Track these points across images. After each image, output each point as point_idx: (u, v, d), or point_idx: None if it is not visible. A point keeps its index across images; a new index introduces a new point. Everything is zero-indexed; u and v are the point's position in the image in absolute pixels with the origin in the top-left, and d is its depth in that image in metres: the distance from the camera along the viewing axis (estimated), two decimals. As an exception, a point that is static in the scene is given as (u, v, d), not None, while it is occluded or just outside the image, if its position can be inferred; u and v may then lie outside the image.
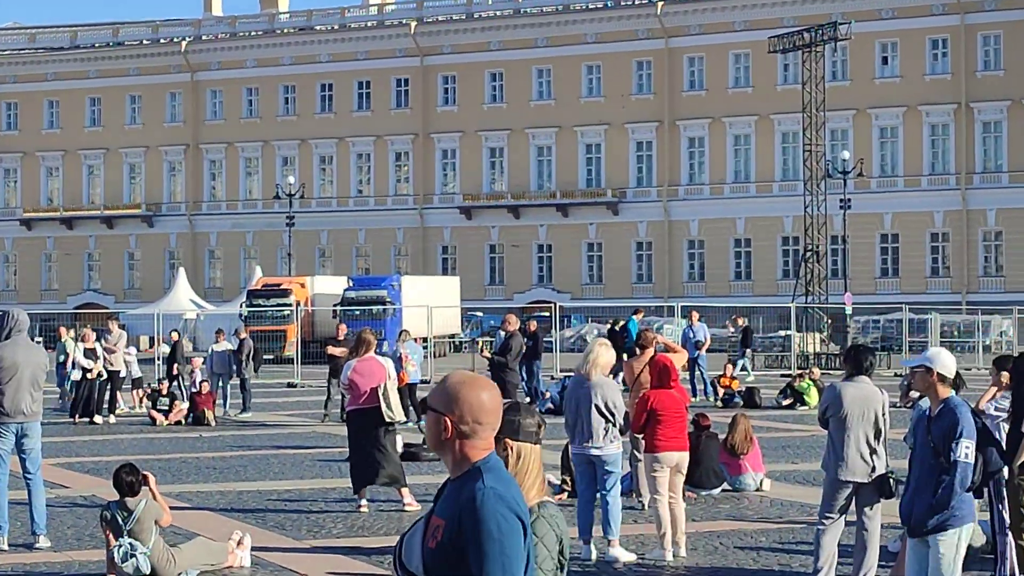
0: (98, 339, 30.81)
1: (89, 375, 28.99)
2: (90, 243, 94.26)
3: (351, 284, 63.44)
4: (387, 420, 16.04)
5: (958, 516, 8.41)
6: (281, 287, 62.94)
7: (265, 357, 45.52)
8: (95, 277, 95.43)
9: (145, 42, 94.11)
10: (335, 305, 56.85)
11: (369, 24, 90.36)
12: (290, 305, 57.95)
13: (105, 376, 29.73)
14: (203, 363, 33.72)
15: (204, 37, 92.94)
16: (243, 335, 33.35)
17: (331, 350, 29.77)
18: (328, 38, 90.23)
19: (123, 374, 30.79)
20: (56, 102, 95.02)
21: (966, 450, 8.36)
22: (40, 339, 26.21)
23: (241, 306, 61.65)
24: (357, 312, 52.95)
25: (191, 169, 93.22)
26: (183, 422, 28.88)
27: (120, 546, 11.92)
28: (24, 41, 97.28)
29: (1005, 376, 12.96)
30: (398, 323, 47.00)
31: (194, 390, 30.31)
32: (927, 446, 8.70)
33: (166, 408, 29.31)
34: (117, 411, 30.19)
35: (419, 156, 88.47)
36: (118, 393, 28.85)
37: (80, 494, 17.17)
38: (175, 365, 34.59)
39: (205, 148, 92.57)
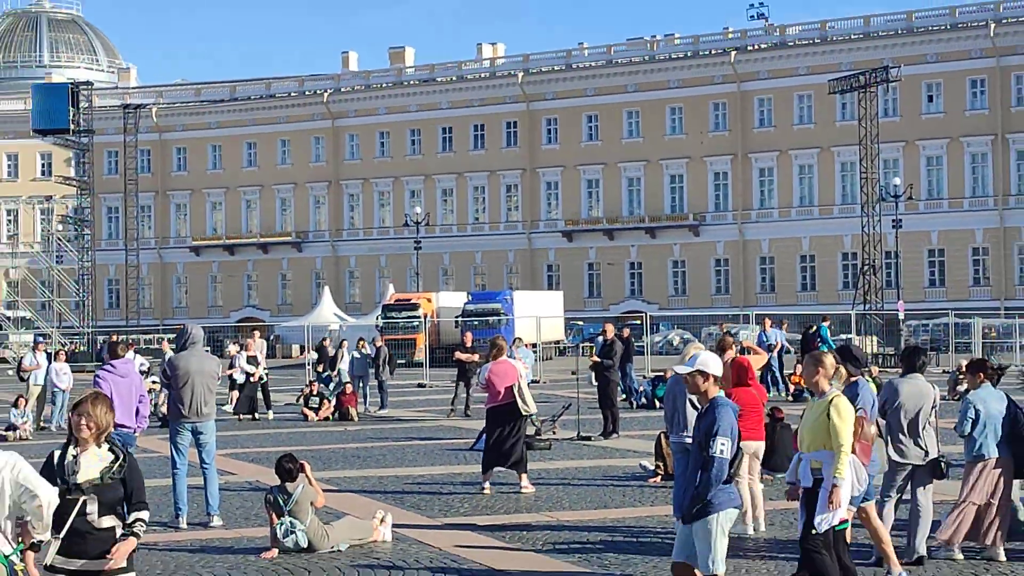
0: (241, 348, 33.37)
1: (252, 378, 31.37)
2: (248, 266, 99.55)
3: (470, 298, 65.89)
4: (523, 413, 17.03)
5: (715, 504, 8.54)
6: (411, 302, 64.67)
7: (398, 361, 45.98)
8: (253, 295, 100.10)
9: (292, 94, 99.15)
10: (456, 317, 59.00)
11: (482, 75, 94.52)
12: (419, 317, 59.87)
13: (264, 379, 32.18)
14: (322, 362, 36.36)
15: (343, 89, 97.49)
16: (379, 343, 35.50)
17: (459, 355, 31.18)
18: (448, 88, 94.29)
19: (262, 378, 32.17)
20: (219, 147, 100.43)
21: (722, 446, 8.52)
22: (207, 348, 26.65)
23: (377, 318, 64.54)
24: (476, 323, 53.40)
25: (333, 202, 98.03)
26: (330, 418, 30.25)
27: (282, 524, 12.74)
28: (191, 95, 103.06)
29: None
30: (511, 331, 48.05)
31: (339, 391, 31.82)
32: (695, 441, 9.04)
33: (316, 406, 30.60)
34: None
35: (526, 188, 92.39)
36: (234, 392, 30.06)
37: (247, 480, 18.17)
38: (319, 368, 36.75)
39: (344, 184, 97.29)
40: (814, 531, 9.15)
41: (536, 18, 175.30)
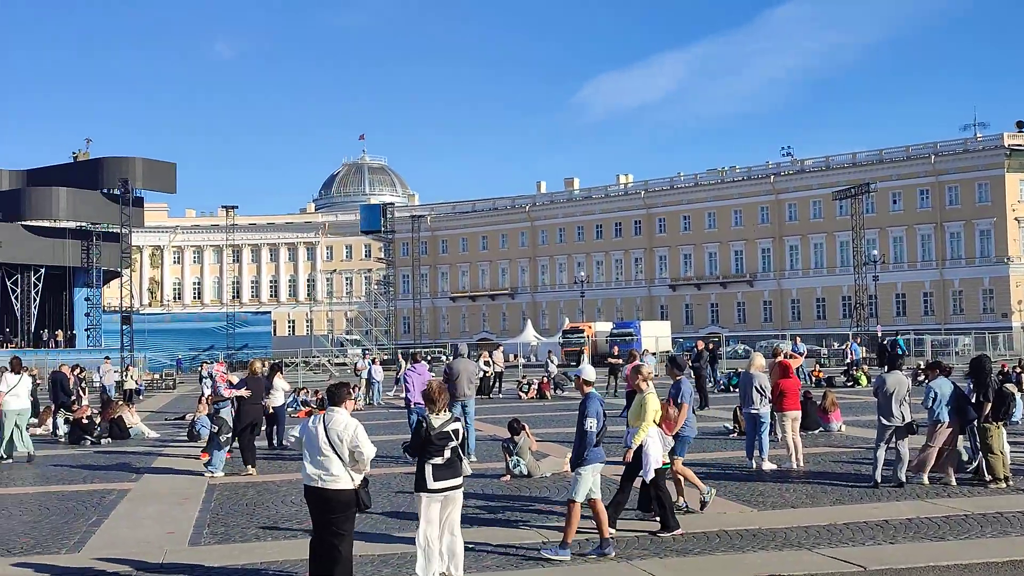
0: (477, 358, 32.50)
1: (487, 374, 32.19)
2: (483, 309, 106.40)
3: (614, 326, 68.62)
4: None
5: (586, 460, 9.09)
6: (579, 328, 68.46)
7: (571, 364, 48.77)
8: (487, 324, 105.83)
9: (508, 207, 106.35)
10: (607, 337, 62.21)
11: (619, 193, 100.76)
12: (584, 338, 64.95)
13: (493, 374, 33.06)
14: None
15: (537, 203, 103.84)
16: (552, 357, 36.15)
17: (610, 360, 33.01)
18: (599, 201, 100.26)
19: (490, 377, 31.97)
20: (465, 239, 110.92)
21: (589, 424, 9.08)
22: (467, 355, 20.41)
23: (559, 338, 69.42)
24: (618, 341, 53.60)
25: (532, 269, 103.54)
26: (534, 397, 31.38)
27: (512, 460, 13.86)
28: (449, 209, 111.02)
29: None
30: (640, 346, 49.54)
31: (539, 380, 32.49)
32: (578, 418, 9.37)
33: (526, 390, 32.09)
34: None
35: (646, 259, 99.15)
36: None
37: (489, 435, 19.01)
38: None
39: (539, 259, 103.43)
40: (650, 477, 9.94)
41: (651, 157, 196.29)
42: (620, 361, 30.68)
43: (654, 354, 40.04)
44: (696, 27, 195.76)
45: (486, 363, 32.49)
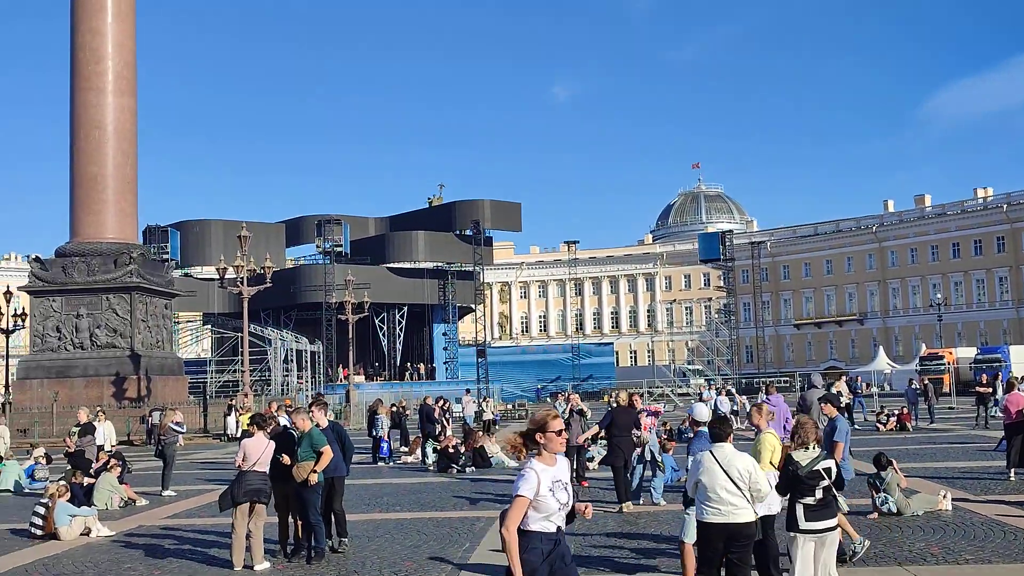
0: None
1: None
2: (830, 335, 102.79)
3: (979, 351, 65.19)
4: None
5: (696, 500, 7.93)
6: (938, 354, 65.65)
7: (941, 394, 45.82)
8: (834, 352, 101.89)
9: (852, 228, 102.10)
10: (970, 364, 60.47)
11: (977, 208, 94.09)
12: (944, 364, 62.40)
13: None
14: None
15: (884, 223, 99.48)
16: (913, 384, 35.31)
17: (979, 389, 32.41)
18: (951, 218, 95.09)
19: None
20: (808, 263, 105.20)
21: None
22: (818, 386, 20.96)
23: (916, 365, 65.37)
24: (984, 367, 53.45)
25: (882, 292, 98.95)
26: (894, 430, 30.08)
27: (881, 498, 13.54)
28: (790, 234, 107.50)
29: None
30: (1008, 372, 47.54)
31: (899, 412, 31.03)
32: None
33: (884, 422, 30.96)
34: None
35: (1013, 278, 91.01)
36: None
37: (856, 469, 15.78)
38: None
39: (889, 282, 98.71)
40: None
41: (1012, 169, 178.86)
42: (989, 389, 30.33)
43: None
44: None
45: (839, 393, 29.96)
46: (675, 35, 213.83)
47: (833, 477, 8.08)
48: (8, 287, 53.58)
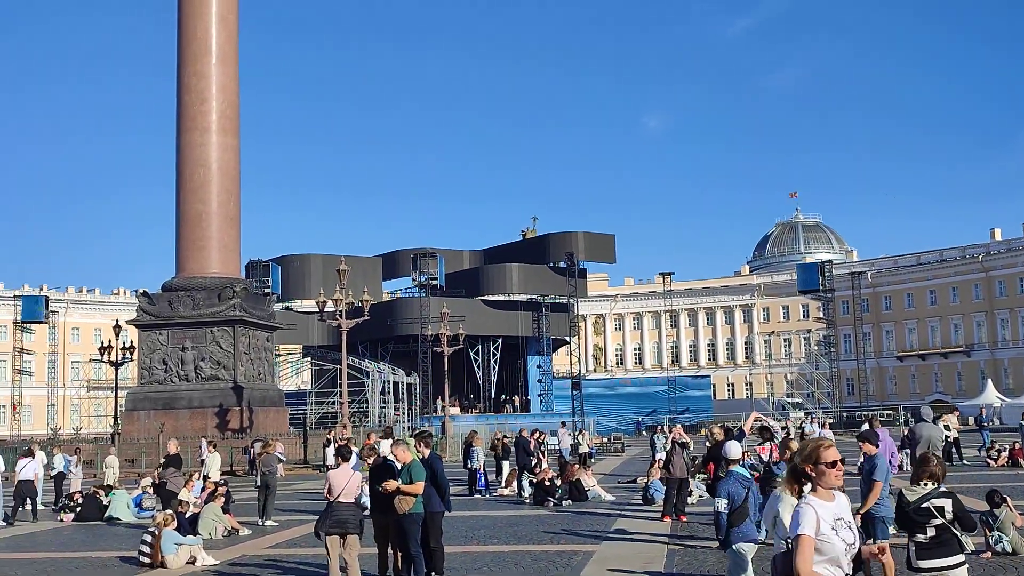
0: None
1: (948, 439, 28.85)
2: (935, 367, 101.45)
3: None
4: None
5: (730, 541, 9.23)
6: None
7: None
8: (939, 384, 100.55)
9: (957, 258, 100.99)
10: None
11: None
12: None
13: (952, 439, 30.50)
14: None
15: (991, 252, 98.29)
16: None
17: None
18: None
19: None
20: (911, 294, 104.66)
21: (718, 505, 9.41)
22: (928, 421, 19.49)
23: None
24: None
25: (989, 323, 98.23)
26: (1006, 466, 29.36)
27: (995, 537, 13.29)
28: (891, 264, 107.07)
29: None
30: None
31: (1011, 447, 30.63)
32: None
33: (995, 457, 30.39)
34: None
35: None
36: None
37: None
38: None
39: (997, 312, 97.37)
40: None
41: None
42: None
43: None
44: None
45: (946, 427, 30.42)
46: (771, 60, 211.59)
47: (949, 515, 7.71)
48: (117, 321, 55.23)
